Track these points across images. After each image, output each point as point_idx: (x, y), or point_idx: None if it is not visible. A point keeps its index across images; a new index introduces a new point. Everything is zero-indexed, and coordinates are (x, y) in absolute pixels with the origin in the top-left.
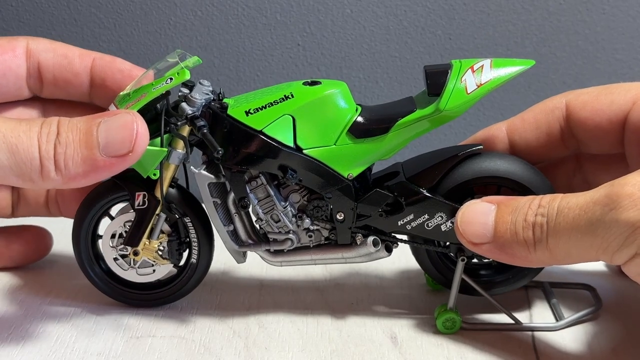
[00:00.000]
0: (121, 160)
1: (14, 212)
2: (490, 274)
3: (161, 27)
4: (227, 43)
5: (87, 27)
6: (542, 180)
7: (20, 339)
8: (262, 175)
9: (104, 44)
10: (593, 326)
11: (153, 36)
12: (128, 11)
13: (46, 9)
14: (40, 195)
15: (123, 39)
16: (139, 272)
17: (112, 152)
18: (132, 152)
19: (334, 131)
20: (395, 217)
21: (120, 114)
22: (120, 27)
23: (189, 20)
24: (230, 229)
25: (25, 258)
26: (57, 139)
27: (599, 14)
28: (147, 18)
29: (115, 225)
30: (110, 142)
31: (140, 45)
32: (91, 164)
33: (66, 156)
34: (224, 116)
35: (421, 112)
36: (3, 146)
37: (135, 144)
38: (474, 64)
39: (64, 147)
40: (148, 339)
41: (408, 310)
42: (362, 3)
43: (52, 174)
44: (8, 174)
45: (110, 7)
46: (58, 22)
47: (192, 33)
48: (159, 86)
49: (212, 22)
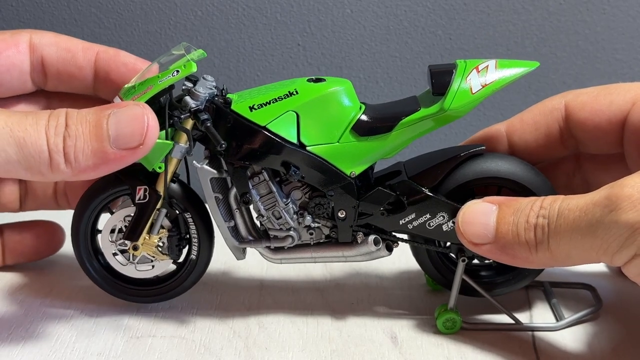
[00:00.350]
0: (132, 153)
1: (22, 206)
2: (491, 274)
3: (161, 27)
4: (227, 43)
5: (87, 27)
6: (543, 181)
7: (21, 338)
8: (265, 171)
9: (104, 43)
10: (593, 326)
11: (153, 36)
12: (128, 11)
13: (46, 9)
14: (49, 188)
15: (123, 38)
16: (138, 268)
17: (123, 145)
18: (143, 144)
19: (337, 129)
20: (397, 216)
21: (129, 106)
22: (120, 27)
23: (189, 20)
24: (231, 225)
25: (38, 253)
26: (67, 131)
27: (599, 14)
28: (147, 18)
29: (115, 219)
30: (120, 134)
31: (140, 45)
32: (101, 156)
33: (76, 149)
34: (228, 111)
35: (425, 111)
36: (10, 140)
37: (146, 136)
38: (479, 64)
39: (73, 140)
40: (148, 339)
41: (408, 311)
42: (362, 3)
43: (62, 166)
44: (17, 168)
45: (111, 7)
46: (58, 22)
47: (193, 33)
48: (165, 79)
49: (212, 22)
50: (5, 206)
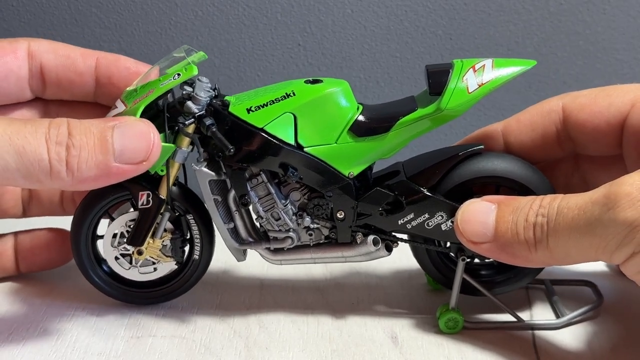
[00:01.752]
0: (134, 168)
1: (26, 211)
2: (491, 273)
3: (162, 27)
4: (227, 43)
5: (87, 27)
6: (541, 179)
7: (22, 338)
8: (263, 173)
9: (104, 43)
10: (593, 325)
11: (154, 36)
12: (129, 11)
13: (47, 9)
14: (55, 195)
15: (124, 38)
16: (141, 271)
17: (127, 160)
18: (147, 161)
19: (335, 129)
20: (396, 216)
21: (134, 122)
22: (120, 27)
23: (190, 20)
24: (231, 227)
25: (50, 262)
26: (71, 140)
27: (600, 14)
28: (147, 18)
29: (117, 225)
30: (125, 149)
31: (141, 45)
32: (104, 169)
33: (80, 159)
34: (226, 114)
35: (422, 111)
36: (10, 149)
37: (151, 153)
38: (476, 64)
39: (78, 150)
40: (149, 339)
41: (409, 310)
42: (362, 3)
43: (63, 174)
44: (15, 176)
45: (111, 7)
46: (59, 22)
47: (193, 33)
48: (166, 82)
49: (212, 22)
50: (6, 212)
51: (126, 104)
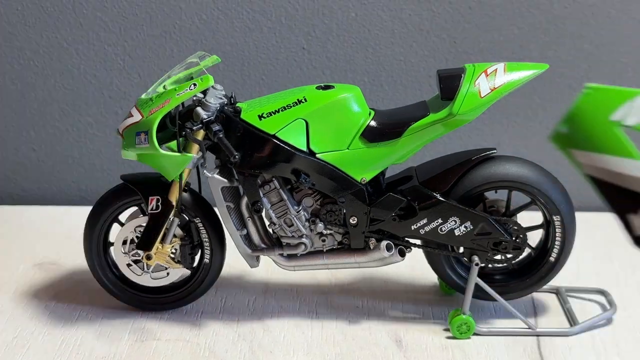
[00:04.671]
0: None
1: None
2: (504, 278)
3: (166, 30)
4: (232, 47)
5: (92, 30)
6: (555, 183)
7: (26, 341)
8: (276, 179)
9: (109, 47)
10: (599, 332)
11: (158, 40)
12: (133, 15)
13: (52, 13)
14: None
15: (128, 42)
16: (153, 277)
17: None
18: None
19: (347, 135)
20: (409, 221)
21: None
22: (125, 31)
23: (194, 24)
24: (244, 233)
25: None
26: None
27: (605, 17)
28: (152, 22)
29: (126, 231)
30: None
31: (145, 49)
32: None
33: None
34: (238, 120)
35: (434, 116)
36: None
37: None
38: (488, 68)
39: None
40: (153, 342)
41: (413, 314)
42: (367, 7)
43: None
44: None
45: (116, 10)
46: (63, 26)
47: (197, 37)
48: (183, 92)
49: (217, 26)
50: None
51: (142, 113)
